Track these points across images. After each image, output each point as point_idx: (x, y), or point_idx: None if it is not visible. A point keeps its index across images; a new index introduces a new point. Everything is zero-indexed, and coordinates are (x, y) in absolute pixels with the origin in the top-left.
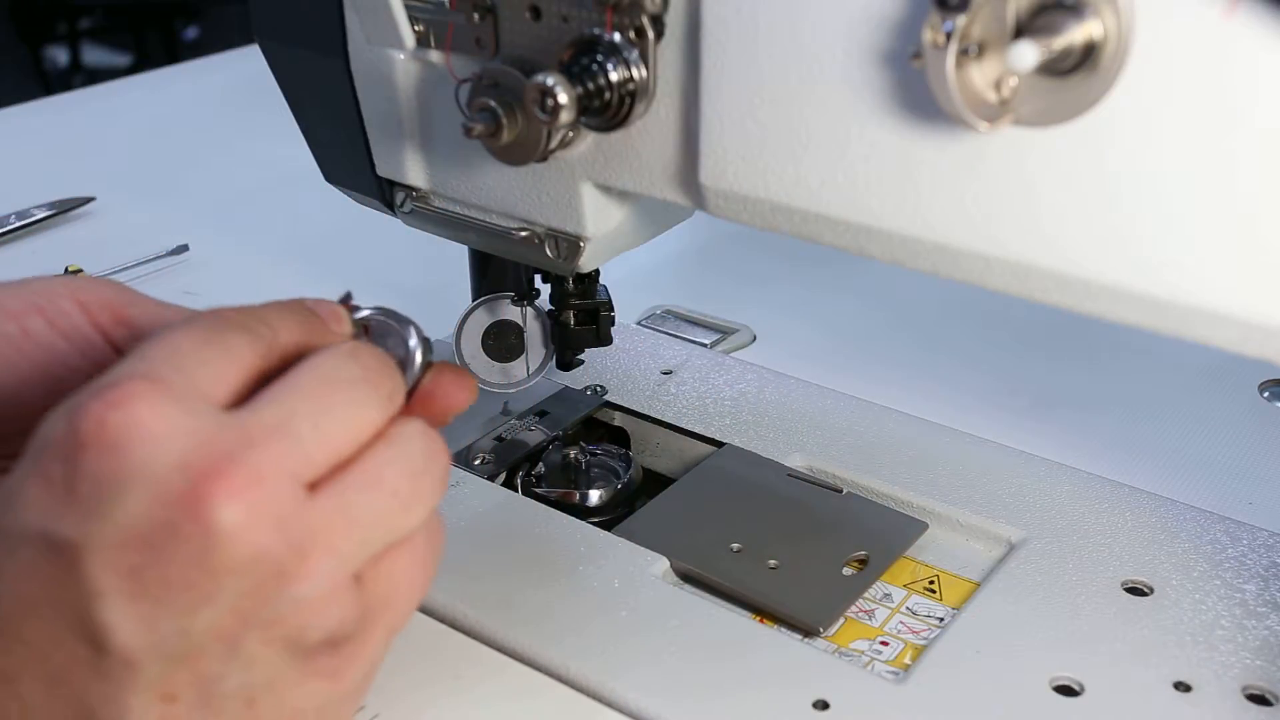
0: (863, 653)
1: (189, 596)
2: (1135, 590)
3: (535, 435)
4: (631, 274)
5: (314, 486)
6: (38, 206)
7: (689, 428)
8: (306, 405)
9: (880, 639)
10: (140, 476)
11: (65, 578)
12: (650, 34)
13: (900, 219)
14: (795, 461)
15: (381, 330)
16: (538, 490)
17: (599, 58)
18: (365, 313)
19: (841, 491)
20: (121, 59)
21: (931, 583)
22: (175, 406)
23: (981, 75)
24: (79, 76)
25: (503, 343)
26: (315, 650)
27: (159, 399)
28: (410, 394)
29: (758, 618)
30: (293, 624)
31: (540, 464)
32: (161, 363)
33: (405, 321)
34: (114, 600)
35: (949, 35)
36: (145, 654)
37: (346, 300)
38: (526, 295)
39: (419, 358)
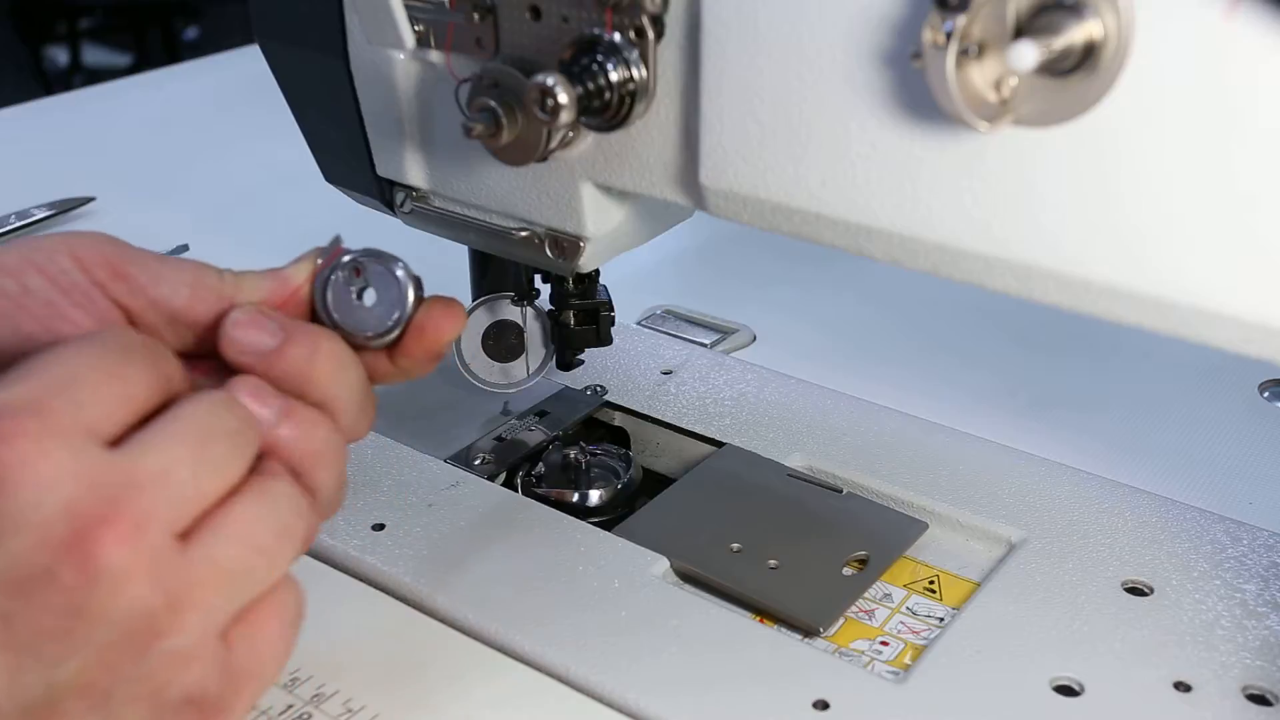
0: (863, 653)
1: (59, 646)
2: (1135, 590)
3: (535, 435)
4: (631, 274)
5: (183, 537)
6: (38, 206)
7: (689, 428)
8: (186, 454)
9: (880, 639)
10: (25, 520)
11: None
12: (650, 34)
13: (900, 219)
14: (795, 461)
15: (372, 271)
16: (538, 490)
17: (599, 58)
18: (352, 255)
19: (841, 491)
20: (121, 59)
21: (931, 583)
22: (64, 447)
23: (981, 75)
24: (79, 76)
25: (503, 343)
26: (178, 709)
27: (48, 437)
28: (404, 330)
29: (758, 618)
30: (159, 679)
31: (540, 464)
32: (55, 394)
33: (393, 260)
34: None
35: (949, 35)
36: (6, 705)
37: (336, 244)
38: (526, 295)
39: (410, 294)
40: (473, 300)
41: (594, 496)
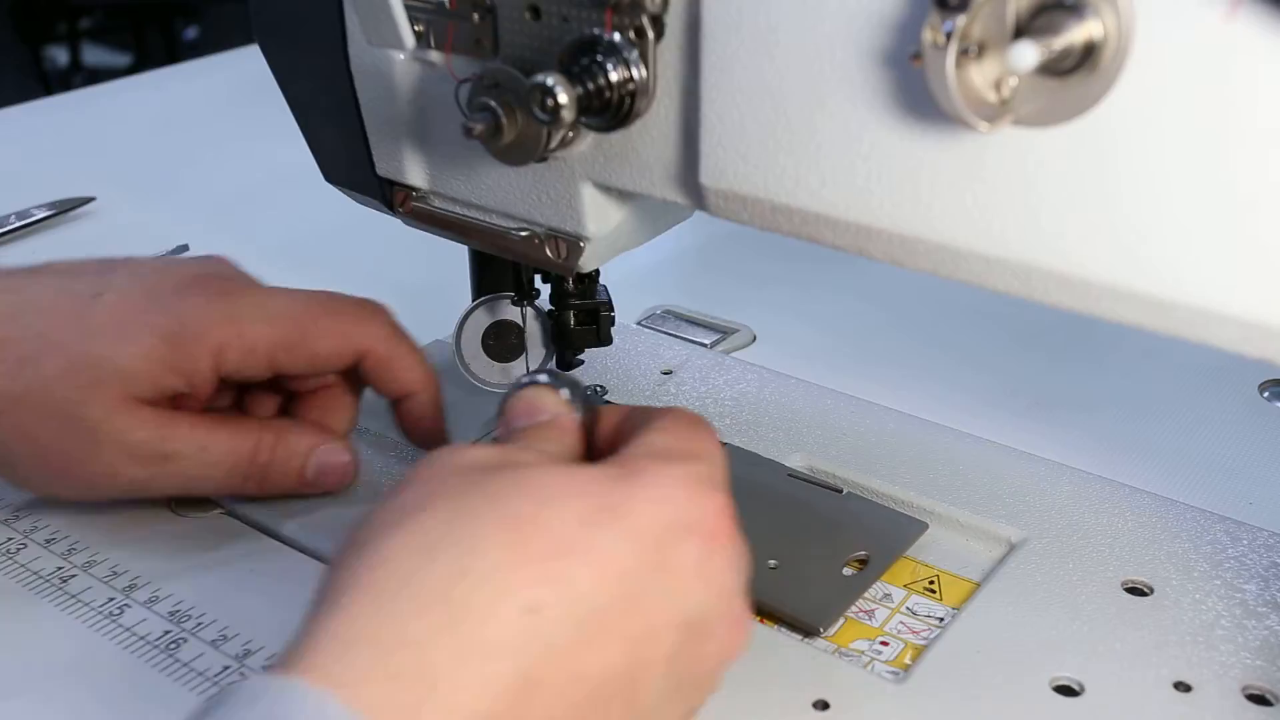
0: (863, 653)
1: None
2: (1135, 590)
3: None
4: (631, 274)
5: None
6: (38, 206)
7: None
8: None
9: (880, 639)
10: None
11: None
12: (650, 34)
13: (900, 219)
14: (795, 461)
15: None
16: None
17: (599, 58)
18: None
19: (841, 491)
20: (121, 59)
21: (931, 583)
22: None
23: (981, 75)
24: (79, 76)
25: (503, 343)
26: (703, 686)
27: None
28: None
29: (758, 618)
30: (712, 662)
31: None
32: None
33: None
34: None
35: (949, 35)
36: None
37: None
38: (526, 295)
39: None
40: (473, 300)
41: None
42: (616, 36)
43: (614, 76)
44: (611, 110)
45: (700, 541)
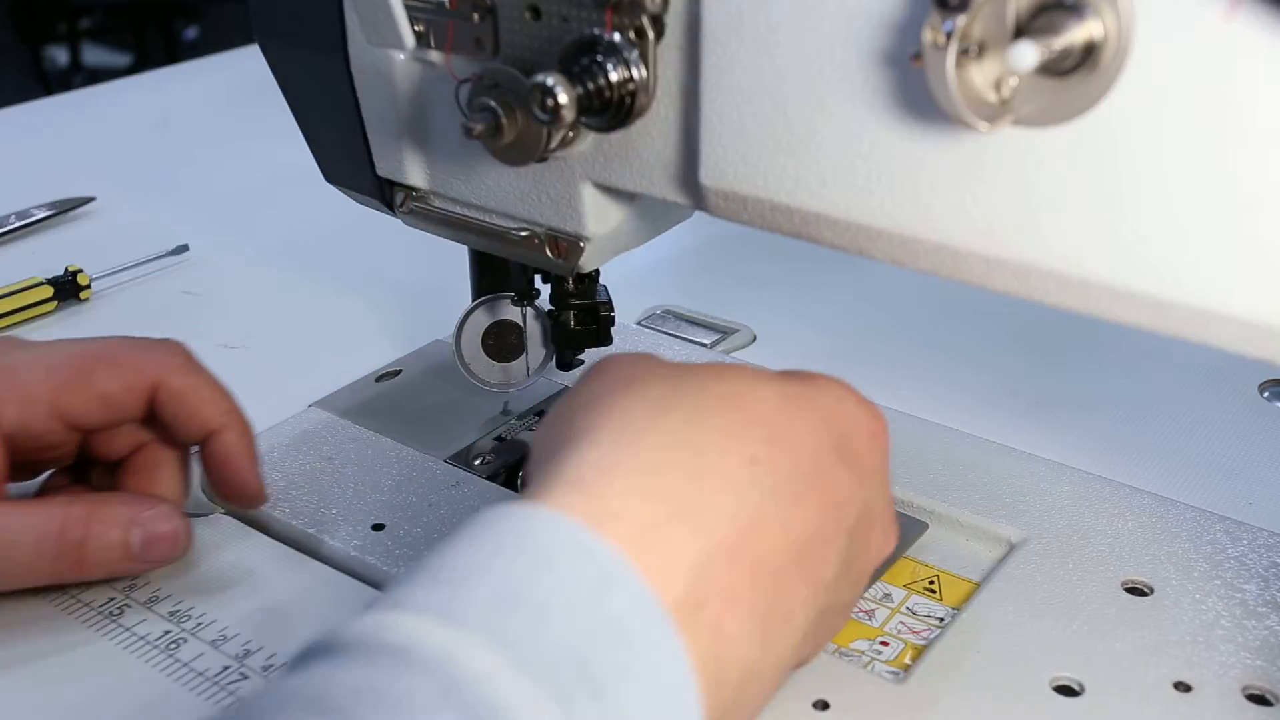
0: (863, 653)
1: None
2: (1135, 590)
3: None
4: (631, 274)
5: None
6: (38, 206)
7: None
8: None
9: (880, 639)
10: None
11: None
12: (650, 34)
13: (900, 219)
14: None
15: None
16: None
17: (599, 58)
18: None
19: None
20: (121, 59)
21: (931, 583)
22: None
23: (981, 75)
24: (79, 76)
25: (503, 343)
26: (860, 584)
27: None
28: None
29: None
30: (871, 555)
31: None
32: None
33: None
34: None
35: (949, 35)
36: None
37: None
38: (526, 295)
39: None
40: (473, 300)
41: None
42: (616, 36)
43: (614, 76)
44: (611, 110)
45: (872, 441)
